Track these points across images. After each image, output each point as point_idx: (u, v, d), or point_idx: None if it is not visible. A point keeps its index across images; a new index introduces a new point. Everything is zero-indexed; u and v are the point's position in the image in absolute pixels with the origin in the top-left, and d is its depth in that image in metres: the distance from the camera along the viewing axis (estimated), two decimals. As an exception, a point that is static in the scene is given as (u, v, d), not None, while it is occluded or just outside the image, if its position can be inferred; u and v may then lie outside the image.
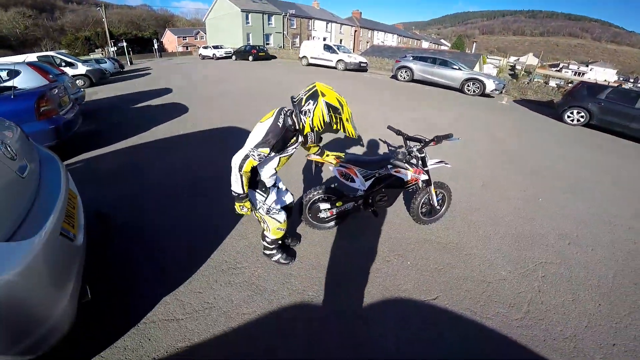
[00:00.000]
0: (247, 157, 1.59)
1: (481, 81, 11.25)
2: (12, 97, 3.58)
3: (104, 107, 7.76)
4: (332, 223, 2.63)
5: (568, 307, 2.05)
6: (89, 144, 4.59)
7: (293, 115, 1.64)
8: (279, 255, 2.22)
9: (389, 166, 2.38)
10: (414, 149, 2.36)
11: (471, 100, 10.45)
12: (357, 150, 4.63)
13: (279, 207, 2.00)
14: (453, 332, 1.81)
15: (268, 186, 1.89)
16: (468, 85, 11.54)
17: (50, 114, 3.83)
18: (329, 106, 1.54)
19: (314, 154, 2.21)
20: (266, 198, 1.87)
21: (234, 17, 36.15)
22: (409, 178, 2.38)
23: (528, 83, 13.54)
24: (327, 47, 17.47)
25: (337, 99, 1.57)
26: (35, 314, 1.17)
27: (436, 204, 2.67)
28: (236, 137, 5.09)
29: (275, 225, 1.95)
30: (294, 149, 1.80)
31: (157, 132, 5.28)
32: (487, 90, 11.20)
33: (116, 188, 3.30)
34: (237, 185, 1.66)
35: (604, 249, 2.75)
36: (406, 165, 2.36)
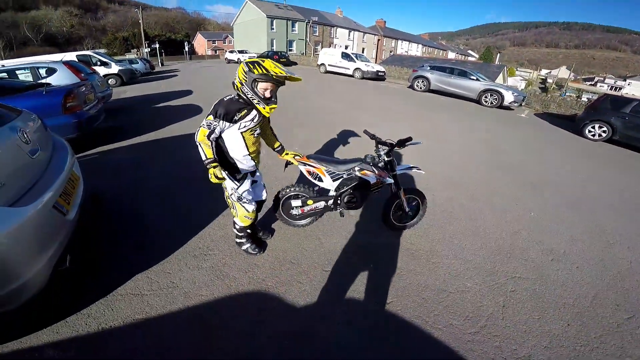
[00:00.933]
0: (199, 127, 1.75)
1: (499, 92, 10.90)
2: (44, 92, 4.06)
3: (128, 105, 8.19)
4: (304, 221, 2.68)
5: (531, 325, 1.92)
6: (108, 138, 4.96)
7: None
8: (248, 245, 2.30)
9: (357, 168, 2.37)
10: (382, 153, 2.34)
11: (488, 112, 10.14)
12: (349, 154, 4.61)
13: (250, 197, 2.06)
14: (398, 339, 1.76)
15: (242, 173, 1.97)
16: (486, 97, 11.22)
17: (75, 109, 4.26)
18: (247, 63, 1.71)
19: (275, 149, 2.31)
20: (238, 186, 1.95)
21: (260, 22, 37.23)
22: (374, 181, 2.35)
23: (561, 97, 12.89)
24: (345, 55, 17.59)
25: (258, 60, 1.73)
26: (10, 270, 1.35)
27: (407, 210, 2.61)
28: None
29: (243, 213, 2.05)
30: (252, 123, 1.83)
31: (168, 131, 5.53)
32: (506, 102, 10.82)
33: (122, 177, 3.59)
34: (201, 153, 1.78)
35: (591, 267, 2.56)
36: (372, 168, 2.35)
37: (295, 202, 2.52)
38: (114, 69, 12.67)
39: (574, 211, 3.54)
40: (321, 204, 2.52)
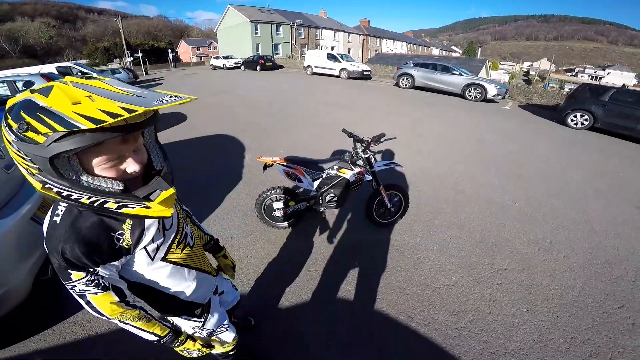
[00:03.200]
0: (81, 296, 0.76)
1: (482, 86, 11.00)
2: None
3: None
4: (286, 223, 2.64)
5: (519, 318, 1.87)
6: None
7: None
8: None
9: (335, 167, 2.31)
10: (359, 151, 2.28)
11: (472, 105, 10.22)
12: (335, 154, 4.54)
13: (226, 321, 1.26)
14: (383, 336, 1.70)
15: (200, 305, 1.08)
16: (469, 91, 11.31)
17: None
18: (8, 119, 0.59)
19: (205, 246, 1.29)
20: (203, 322, 1.12)
21: (243, 27, 37.03)
22: (354, 179, 2.30)
23: (544, 89, 13.10)
24: (331, 56, 17.57)
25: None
26: None
27: (389, 206, 2.55)
28: (224, 145, 5.21)
29: (223, 349, 1.29)
30: (163, 237, 0.84)
31: None
32: (489, 95, 10.93)
33: None
34: (143, 334, 0.90)
35: (579, 256, 2.53)
36: (350, 166, 2.31)
37: (277, 204, 2.50)
38: None
39: (559, 200, 3.53)
40: (303, 204, 2.50)
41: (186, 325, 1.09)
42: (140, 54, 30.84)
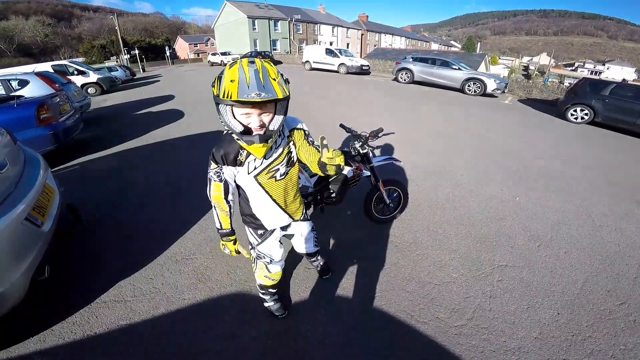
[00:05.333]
0: (209, 179, 1.26)
1: (482, 81, 10.94)
2: (15, 105, 3.90)
3: (109, 114, 7.91)
4: None
5: (519, 315, 1.84)
6: (88, 148, 4.82)
7: None
8: (271, 304, 1.78)
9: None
10: (357, 146, 2.24)
11: (472, 100, 10.16)
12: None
13: (274, 258, 1.55)
14: (383, 334, 1.67)
15: (265, 229, 1.45)
16: (469, 85, 11.25)
17: (50, 120, 4.11)
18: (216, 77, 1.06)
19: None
20: (259, 243, 1.49)
21: (241, 23, 36.72)
22: (352, 174, 2.25)
23: (544, 83, 13.01)
24: (329, 51, 17.47)
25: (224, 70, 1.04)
26: None
27: (388, 202, 2.51)
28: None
29: (261, 273, 1.60)
30: (262, 163, 1.23)
31: (150, 138, 5.37)
32: (489, 90, 10.87)
33: (103, 186, 3.52)
34: (214, 218, 1.36)
35: (580, 252, 2.50)
36: (348, 161, 2.25)
37: None
38: (92, 77, 12.18)
39: (560, 195, 3.50)
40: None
41: (249, 235, 1.50)
42: (137, 52, 30.59)
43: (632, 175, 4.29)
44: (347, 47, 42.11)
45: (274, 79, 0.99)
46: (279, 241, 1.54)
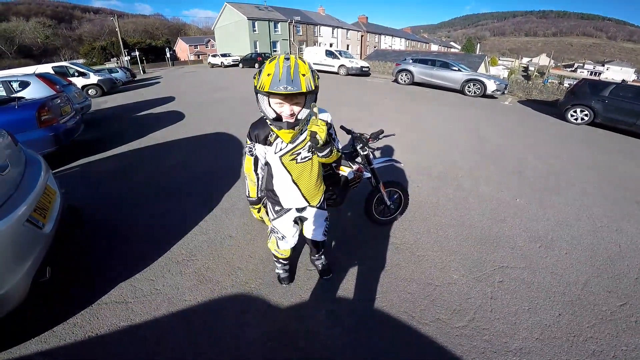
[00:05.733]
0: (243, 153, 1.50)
1: (481, 82, 10.96)
2: (16, 107, 3.90)
3: (109, 115, 7.92)
4: None
5: (521, 316, 1.84)
6: (89, 149, 4.81)
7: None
8: (280, 272, 2.02)
9: (333, 164, 2.27)
10: (358, 148, 2.24)
11: (471, 101, 10.17)
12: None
13: (285, 235, 1.72)
14: (383, 335, 1.67)
15: (282, 207, 1.61)
16: (469, 87, 11.26)
17: (51, 122, 4.10)
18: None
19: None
20: (274, 218, 1.67)
21: (241, 25, 36.81)
22: (352, 176, 2.26)
23: (543, 84, 13.04)
24: (329, 53, 17.50)
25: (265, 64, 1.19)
26: None
27: (389, 203, 2.51)
28: (223, 143, 5.17)
29: (272, 245, 1.85)
30: (287, 146, 1.39)
31: (152, 139, 5.37)
32: (489, 91, 10.88)
33: (104, 188, 3.51)
34: (246, 187, 1.64)
35: (580, 252, 2.50)
36: (348, 163, 2.26)
37: None
38: (93, 79, 12.19)
39: (560, 196, 3.50)
40: None
41: (268, 209, 1.66)
42: (137, 53, 30.66)
43: (633, 176, 4.30)
44: (347, 49, 42.20)
45: (303, 75, 1.14)
46: (295, 221, 1.70)
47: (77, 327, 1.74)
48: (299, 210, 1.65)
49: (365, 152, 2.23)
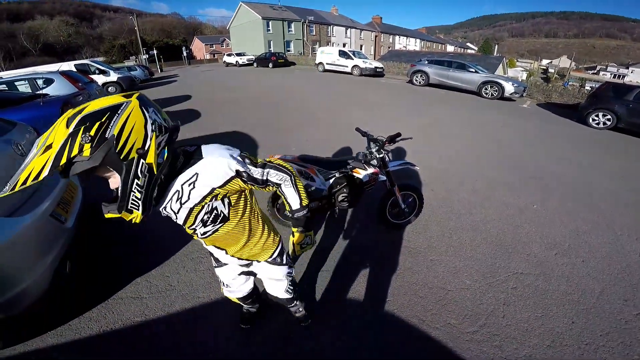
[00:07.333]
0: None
1: (499, 84, 10.74)
2: (41, 103, 4.09)
3: None
4: None
5: (533, 323, 1.84)
6: None
7: None
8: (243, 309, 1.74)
9: (348, 167, 2.31)
10: (374, 150, 2.28)
11: (488, 103, 9.99)
12: (346, 152, 4.54)
13: (228, 284, 1.44)
14: (394, 339, 1.71)
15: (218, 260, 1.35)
16: (486, 89, 11.07)
17: None
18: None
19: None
20: (215, 266, 1.42)
21: (256, 24, 37.16)
22: (368, 179, 2.29)
23: (564, 87, 12.68)
24: (343, 53, 17.47)
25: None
26: (10, 277, 1.43)
27: (403, 206, 2.54)
28: (237, 142, 5.32)
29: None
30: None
31: None
32: (506, 93, 10.66)
33: None
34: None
35: (598, 261, 2.47)
36: (364, 165, 2.30)
37: None
38: (113, 77, 12.61)
39: (579, 203, 3.44)
40: (314, 204, 2.47)
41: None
42: (155, 52, 31.39)
43: (656, 185, 4.16)
44: (361, 49, 42.00)
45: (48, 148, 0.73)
46: (241, 273, 1.37)
47: (93, 322, 1.79)
48: (244, 265, 1.31)
49: (381, 155, 2.26)
